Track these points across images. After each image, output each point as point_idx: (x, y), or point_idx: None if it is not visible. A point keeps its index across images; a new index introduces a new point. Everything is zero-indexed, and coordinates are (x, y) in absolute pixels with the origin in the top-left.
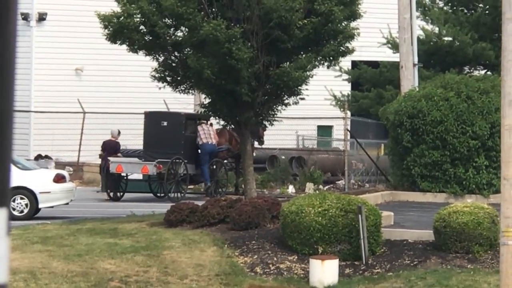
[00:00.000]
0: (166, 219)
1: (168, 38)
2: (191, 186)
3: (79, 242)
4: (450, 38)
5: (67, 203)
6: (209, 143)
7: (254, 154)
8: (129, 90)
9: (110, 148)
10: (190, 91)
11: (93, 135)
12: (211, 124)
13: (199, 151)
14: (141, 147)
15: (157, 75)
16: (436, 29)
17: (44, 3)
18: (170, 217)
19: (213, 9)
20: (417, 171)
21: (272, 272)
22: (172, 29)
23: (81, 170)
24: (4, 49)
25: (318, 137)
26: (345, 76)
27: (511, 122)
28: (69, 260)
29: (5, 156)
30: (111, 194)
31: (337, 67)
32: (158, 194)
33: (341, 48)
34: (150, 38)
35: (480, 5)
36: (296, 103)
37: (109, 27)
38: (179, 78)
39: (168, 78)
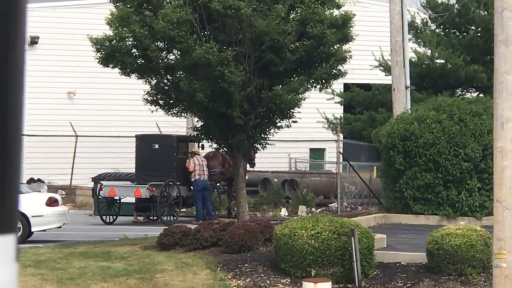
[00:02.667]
0: (159, 242)
1: (160, 61)
2: (184, 209)
3: (72, 265)
4: (442, 61)
5: (60, 227)
6: (201, 179)
7: (247, 177)
8: (122, 114)
9: None
10: (183, 114)
11: (85, 159)
12: (202, 147)
13: (192, 187)
14: (133, 170)
15: (149, 98)
16: (429, 52)
17: (36, 26)
18: (163, 240)
19: (205, 32)
20: (409, 193)
21: None
22: (164, 52)
23: (73, 193)
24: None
25: (310, 160)
26: (338, 99)
27: (503, 144)
28: (62, 284)
29: (13, 182)
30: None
31: (329, 90)
32: (151, 217)
33: (333, 70)
34: (142, 61)
35: (472, 27)
36: (288, 126)
37: (101, 50)
38: (171, 101)
39: (161, 101)
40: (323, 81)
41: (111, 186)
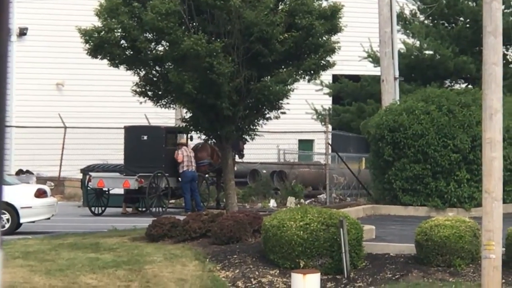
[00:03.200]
0: (148, 233)
1: (149, 52)
2: (173, 201)
3: (60, 257)
4: (431, 52)
5: (49, 218)
6: (189, 170)
7: (236, 168)
8: (110, 105)
9: None
10: (171, 105)
11: (74, 150)
12: (191, 138)
13: (180, 178)
14: (122, 161)
15: (138, 90)
16: (417, 43)
17: (24, 18)
18: (151, 231)
19: (194, 24)
20: (398, 184)
21: (254, 286)
22: (153, 43)
23: (62, 185)
24: None
25: (299, 151)
26: (326, 90)
27: (492, 135)
28: (51, 275)
29: None
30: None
31: (318, 81)
32: (140, 209)
33: (322, 62)
34: (131, 52)
35: (461, 18)
36: (277, 117)
37: (90, 41)
38: (160, 93)
39: (149, 93)
40: (312, 72)
41: (100, 177)
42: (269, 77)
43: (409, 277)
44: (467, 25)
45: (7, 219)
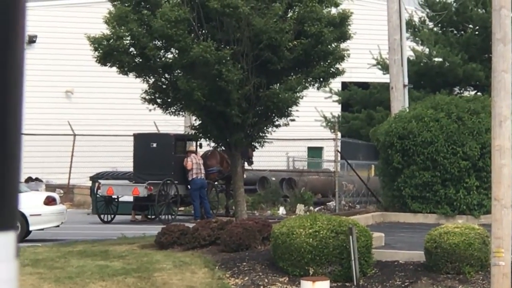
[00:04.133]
0: (157, 241)
1: (158, 60)
2: (182, 208)
3: (70, 264)
4: (440, 59)
5: (58, 226)
6: (199, 177)
7: (245, 175)
8: (119, 112)
9: None
10: (181, 112)
11: (83, 157)
12: (200, 146)
13: (189, 186)
14: (131, 169)
15: (147, 97)
16: (426, 50)
17: (34, 25)
18: (161, 239)
19: (203, 31)
20: (407, 192)
21: None
22: (162, 51)
23: (71, 192)
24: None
25: (308, 159)
26: (335, 98)
27: (501, 142)
28: (60, 283)
29: (14, 179)
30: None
31: (327, 89)
32: (149, 216)
33: (331, 69)
34: (140, 60)
35: (470, 26)
36: (286, 124)
37: (99, 49)
38: (169, 100)
39: (158, 100)
40: (321, 79)
41: (109, 185)
42: (278, 84)
43: (418, 284)
44: (476, 32)
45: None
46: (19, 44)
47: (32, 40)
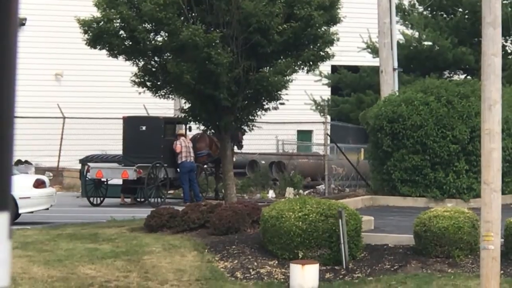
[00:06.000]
0: (146, 224)
1: (147, 43)
2: (171, 191)
3: (59, 247)
4: (430, 43)
5: (47, 208)
6: (188, 161)
7: (234, 159)
8: (109, 95)
9: None
10: (170, 96)
11: (73, 140)
12: (190, 129)
13: (178, 169)
14: (120, 152)
15: (137, 80)
16: (416, 34)
17: (23, 8)
18: (150, 222)
19: (193, 14)
20: (397, 175)
21: (252, 277)
22: (151, 34)
23: (61, 175)
24: (6, 54)
25: (298, 142)
26: (325, 81)
27: (491, 126)
28: (49, 266)
29: (6, 160)
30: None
31: (317, 72)
32: (138, 199)
33: (321, 52)
34: (130, 43)
35: (460, 9)
36: (276, 108)
37: (89, 32)
38: (159, 83)
39: (148, 83)
40: (311, 63)
41: (98, 168)
42: (268, 67)
43: (407, 268)
44: (466, 16)
45: None
46: (12, 27)
47: (21, 22)
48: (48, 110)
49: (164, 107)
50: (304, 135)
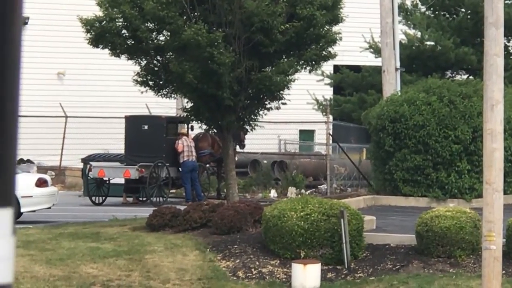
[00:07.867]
0: (148, 223)
1: (150, 42)
2: (173, 190)
3: (61, 246)
4: (432, 43)
5: (49, 207)
6: (190, 160)
7: (236, 158)
8: (111, 94)
9: None
10: (172, 95)
11: (75, 139)
12: (192, 128)
13: (180, 168)
14: (122, 151)
15: (139, 79)
16: (418, 34)
17: (26, 7)
18: (152, 221)
19: (195, 13)
20: (399, 175)
21: (254, 276)
22: (154, 33)
23: (63, 174)
24: (10, 51)
25: (300, 142)
26: (327, 81)
27: (493, 126)
28: (51, 264)
29: (10, 156)
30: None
31: (319, 72)
32: (140, 198)
33: (323, 52)
34: (132, 42)
35: (462, 9)
36: (278, 107)
37: (91, 31)
38: (161, 82)
39: (150, 82)
40: (313, 62)
41: (101, 167)
42: (270, 67)
43: (409, 267)
44: (468, 16)
45: None
46: (17, 25)
47: (24, 21)
48: (50, 109)
49: (166, 106)
50: (306, 135)
